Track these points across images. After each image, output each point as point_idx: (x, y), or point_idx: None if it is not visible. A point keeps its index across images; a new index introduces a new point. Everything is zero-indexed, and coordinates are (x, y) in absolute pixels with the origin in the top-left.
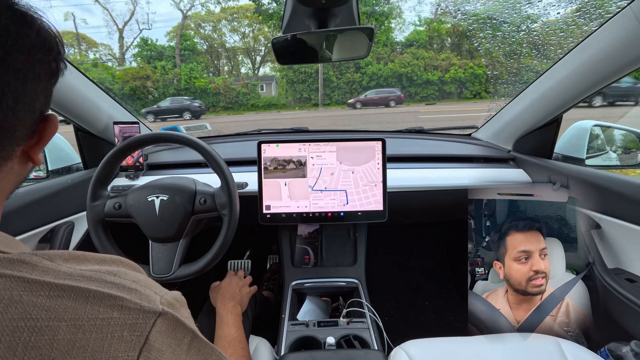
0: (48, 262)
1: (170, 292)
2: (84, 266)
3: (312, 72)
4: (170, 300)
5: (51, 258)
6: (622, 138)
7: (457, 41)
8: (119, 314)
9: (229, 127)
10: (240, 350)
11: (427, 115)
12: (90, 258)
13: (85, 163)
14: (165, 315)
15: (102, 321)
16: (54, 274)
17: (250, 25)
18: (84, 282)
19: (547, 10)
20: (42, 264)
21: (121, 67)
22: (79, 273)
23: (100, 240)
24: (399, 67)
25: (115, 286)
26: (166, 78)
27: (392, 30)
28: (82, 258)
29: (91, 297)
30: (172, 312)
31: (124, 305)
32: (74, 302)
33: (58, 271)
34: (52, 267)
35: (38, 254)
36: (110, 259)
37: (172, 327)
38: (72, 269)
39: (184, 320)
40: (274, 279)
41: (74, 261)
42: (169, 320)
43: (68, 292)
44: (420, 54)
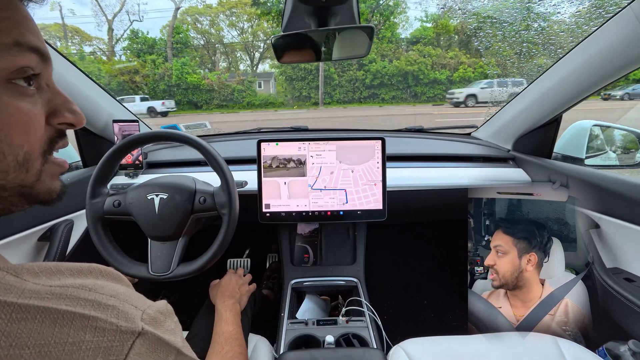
0: (13, 277)
1: (154, 304)
2: (55, 281)
3: (312, 69)
4: (153, 315)
5: (17, 273)
6: (622, 138)
7: (466, 38)
8: (92, 336)
9: (219, 127)
10: (238, 347)
11: (443, 118)
12: (64, 270)
13: (85, 161)
14: (145, 335)
15: (72, 346)
16: (17, 293)
17: (249, 20)
18: (52, 301)
19: (558, 9)
20: (4, 280)
21: (106, 60)
22: (47, 290)
23: (99, 237)
24: (404, 65)
25: (89, 303)
26: (157, 73)
27: (397, 26)
28: (54, 271)
29: (60, 319)
30: (152, 330)
31: (98, 326)
32: (39, 325)
33: (23, 289)
34: (16, 284)
35: (2, 268)
36: (88, 269)
37: (152, 347)
38: (39, 286)
39: (167, 338)
40: (274, 278)
41: (44, 275)
42: (149, 340)
43: (33, 313)
44: (427, 52)
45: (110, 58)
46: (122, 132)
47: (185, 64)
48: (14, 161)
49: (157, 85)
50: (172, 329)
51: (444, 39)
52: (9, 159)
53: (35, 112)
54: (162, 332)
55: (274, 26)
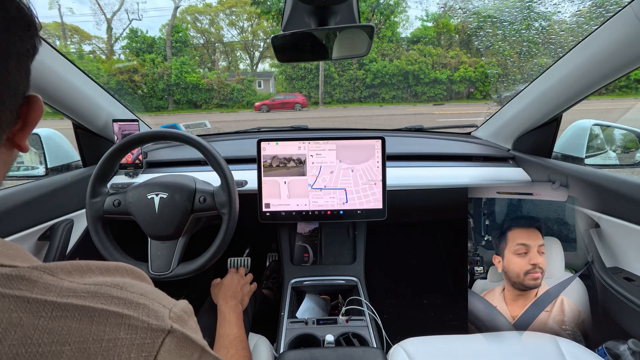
0: (50, 277)
1: (178, 302)
2: (87, 279)
3: (312, 69)
4: (179, 313)
5: (53, 272)
6: (622, 137)
7: (467, 38)
8: (126, 333)
9: (219, 127)
10: (242, 350)
11: (444, 118)
12: (94, 268)
13: (85, 161)
14: (174, 333)
15: (108, 342)
16: (56, 292)
17: (249, 19)
18: (89, 300)
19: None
20: (43, 279)
21: (107, 59)
22: (83, 288)
23: (99, 237)
24: (405, 65)
25: (122, 302)
26: (156, 72)
27: (398, 25)
28: (85, 269)
29: (97, 317)
30: (180, 329)
31: (131, 324)
32: (78, 322)
33: (61, 287)
34: (54, 282)
35: (39, 267)
36: (115, 268)
37: (180, 344)
38: (75, 284)
39: (193, 336)
40: (274, 277)
41: (77, 274)
42: (177, 338)
43: (72, 311)
44: (428, 51)
45: (109, 57)
46: (122, 131)
47: (185, 63)
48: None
49: (156, 85)
50: (195, 327)
51: (445, 39)
52: None
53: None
54: (188, 330)
55: (273, 25)
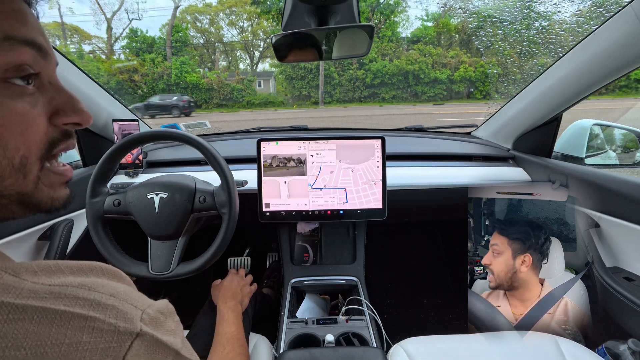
0: (11, 277)
1: (155, 303)
2: (54, 279)
3: (312, 68)
4: (154, 315)
5: (16, 272)
6: (622, 137)
7: (467, 38)
8: (90, 337)
9: (219, 127)
10: (239, 348)
11: (444, 118)
12: (64, 268)
13: (85, 160)
14: (144, 336)
15: (68, 347)
16: (15, 293)
17: (249, 19)
18: (50, 301)
19: (558, 7)
20: (2, 280)
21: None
22: (46, 289)
23: (99, 236)
24: (405, 64)
25: (88, 303)
26: (155, 72)
27: (398, 25)
28: (54, 269)
29: (57, 319)
30: (151, 331)
31: (96, 327)
32: (36, 325)
33: (21, 289)
34: (14, 283)
35: (1, 268)
36: (89, 267)
37: (151, 349)
38: (38, 285)
39: (166, 339)
40: (274, 277)
41: (43, 274)
42: (147, 341)
43: (30, 314)
44: (428, 51)
45: (109, 57)
46: (122, 131)
47: (185, 63)
48: (9, 165)
49: (156, 84)
50: (173, 329)
51: (445, 38)
52: (4, 163)
53: (33, 112)
54: (162, 333)
55: (273, 25)
